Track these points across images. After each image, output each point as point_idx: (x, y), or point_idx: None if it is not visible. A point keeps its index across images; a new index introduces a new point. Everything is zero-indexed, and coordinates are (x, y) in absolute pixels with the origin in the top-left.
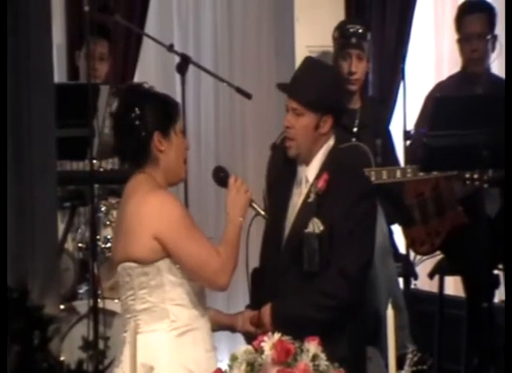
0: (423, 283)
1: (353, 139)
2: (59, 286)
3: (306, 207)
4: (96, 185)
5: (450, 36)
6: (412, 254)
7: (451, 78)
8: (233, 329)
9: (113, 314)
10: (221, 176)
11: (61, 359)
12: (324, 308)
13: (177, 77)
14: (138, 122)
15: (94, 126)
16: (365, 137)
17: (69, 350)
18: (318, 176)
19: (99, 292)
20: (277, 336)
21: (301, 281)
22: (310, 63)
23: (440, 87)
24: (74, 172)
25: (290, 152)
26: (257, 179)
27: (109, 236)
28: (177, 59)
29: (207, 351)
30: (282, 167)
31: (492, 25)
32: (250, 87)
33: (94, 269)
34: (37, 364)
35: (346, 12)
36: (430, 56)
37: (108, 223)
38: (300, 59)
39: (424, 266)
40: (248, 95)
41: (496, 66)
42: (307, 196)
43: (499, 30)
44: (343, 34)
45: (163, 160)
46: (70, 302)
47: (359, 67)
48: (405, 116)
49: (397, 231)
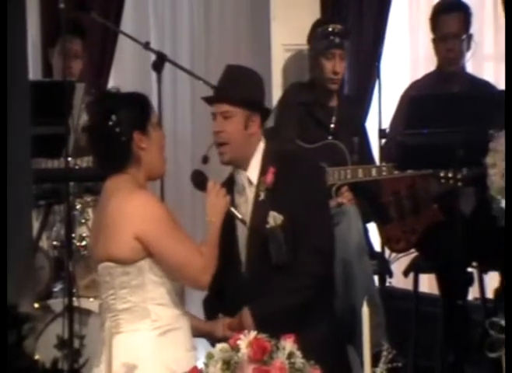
0: (398, 280)
1: (330, 137)
2: (34, 284)
3: (260, 205)
4: (71, 183)
5: (425, 35)
6: (387, 252)
7: (427, 77)
8: (211, 335)
9: (88, 312)
10: (200, 180)
11: (36, 358)
12: (303, 288)
13: (153, 75)
14: (116, 128)
15: (69, 124)
16: (341, 134)
17: (44, 349)
18: (262, 174)
19: (75, 290)
20: (253, 334)
21: (273, 276)
22: (232, 68)
23: (415, 86)
24: (49, 170)
25: (224, 158)
26: None
27: (84, 234)
28: (153, 57)
29: (188, 350)
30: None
31: (467, 24)
32: None
33: (69, 267)
34: (12, 362)
35: (322, 11)
36: (406, 55)
37: (83, 221)
38: (277, 57)
39: (399, 263)
40: None
41: (470, 65)
42: (257, 196)
43: (474, 29)
44: (325, 34)
45: (145, 157)
46: (45, 301)
47: (341, 67)
48: (380, 114)
49: (372, 229)
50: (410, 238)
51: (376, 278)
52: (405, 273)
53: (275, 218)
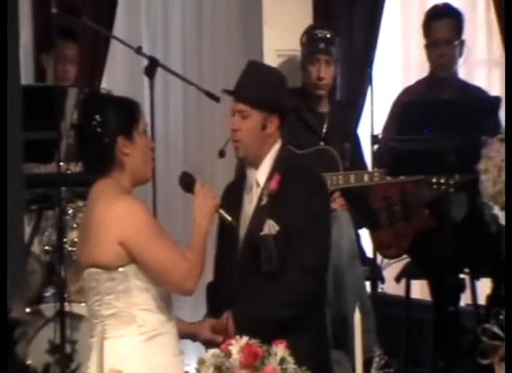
0: (390, 286)
1: (321, 143)
2: (25, 289)
3: (260, 211)
4: (63, 188)
5: (417, 41)
6: (379, 258)
7: (419, 83)
8: (194, 337)
9: (80, 317)
10: (187, 182)
11: (28, 363)
12: (287, 305)
13: (145, 80)
14: (100, 129)
15: (61, 128)
16: (333, 140)
17: (36, 354)
18: (269, 178)
19: (66, 295)
20: (245, 339)
21: (261, 284)
22: (254, 66)
23: (407, 92)
24: (41, 174)
25: (238, 153)
26: (225, 183)
27: (76, 239)
28: (145, 62)
29: (174, 355)
30: (236, 178)
31: (459, 30)
32: (218, 91)
33: (61, 272)
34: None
35: (314, 16)
36: (398, 61)
37: (75, 226)
38: (269, 62)
39: (391, 269)
40: (217, 99)
41: (462, 71)
42: (260, 199)
43: (467, 35)
44: (311, 39)
45: (128, 163)
46: (36, 305)
47: (327, 73)
48: (372, 120)
49: (364, 235)
50: (402, 244)
51: (367, 284)
52: (397, 280)
53: (270, 227)
